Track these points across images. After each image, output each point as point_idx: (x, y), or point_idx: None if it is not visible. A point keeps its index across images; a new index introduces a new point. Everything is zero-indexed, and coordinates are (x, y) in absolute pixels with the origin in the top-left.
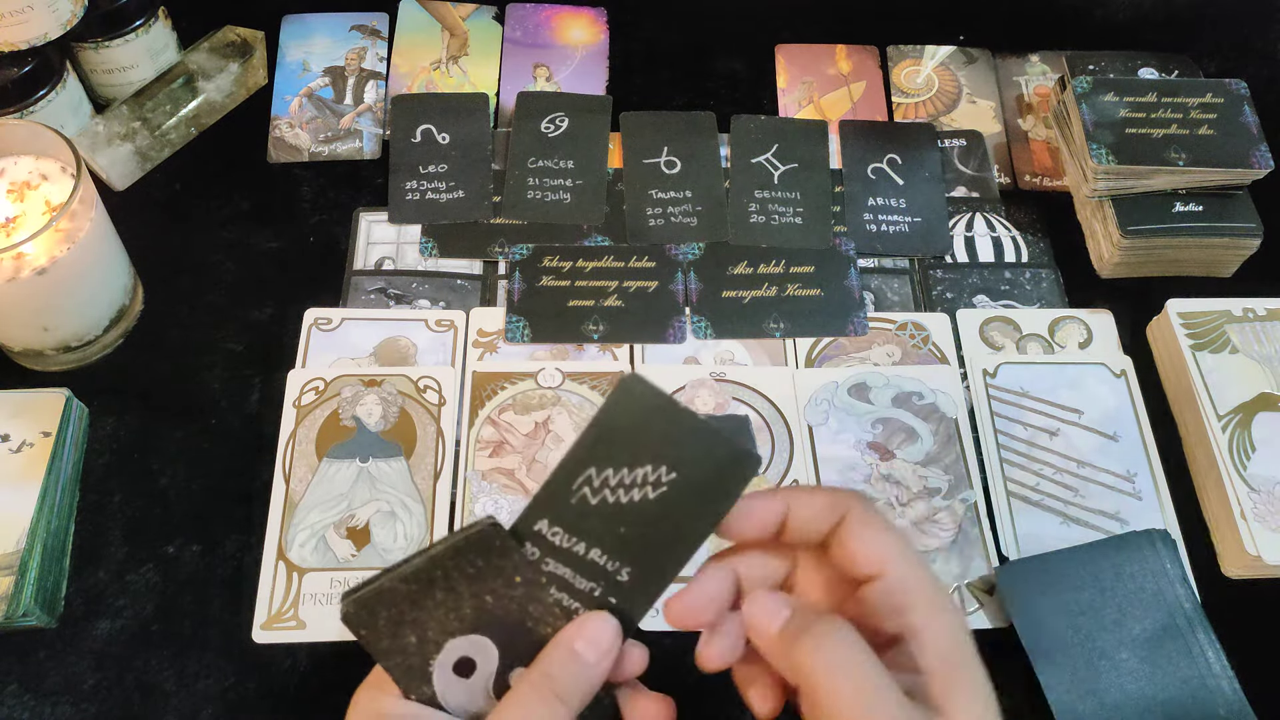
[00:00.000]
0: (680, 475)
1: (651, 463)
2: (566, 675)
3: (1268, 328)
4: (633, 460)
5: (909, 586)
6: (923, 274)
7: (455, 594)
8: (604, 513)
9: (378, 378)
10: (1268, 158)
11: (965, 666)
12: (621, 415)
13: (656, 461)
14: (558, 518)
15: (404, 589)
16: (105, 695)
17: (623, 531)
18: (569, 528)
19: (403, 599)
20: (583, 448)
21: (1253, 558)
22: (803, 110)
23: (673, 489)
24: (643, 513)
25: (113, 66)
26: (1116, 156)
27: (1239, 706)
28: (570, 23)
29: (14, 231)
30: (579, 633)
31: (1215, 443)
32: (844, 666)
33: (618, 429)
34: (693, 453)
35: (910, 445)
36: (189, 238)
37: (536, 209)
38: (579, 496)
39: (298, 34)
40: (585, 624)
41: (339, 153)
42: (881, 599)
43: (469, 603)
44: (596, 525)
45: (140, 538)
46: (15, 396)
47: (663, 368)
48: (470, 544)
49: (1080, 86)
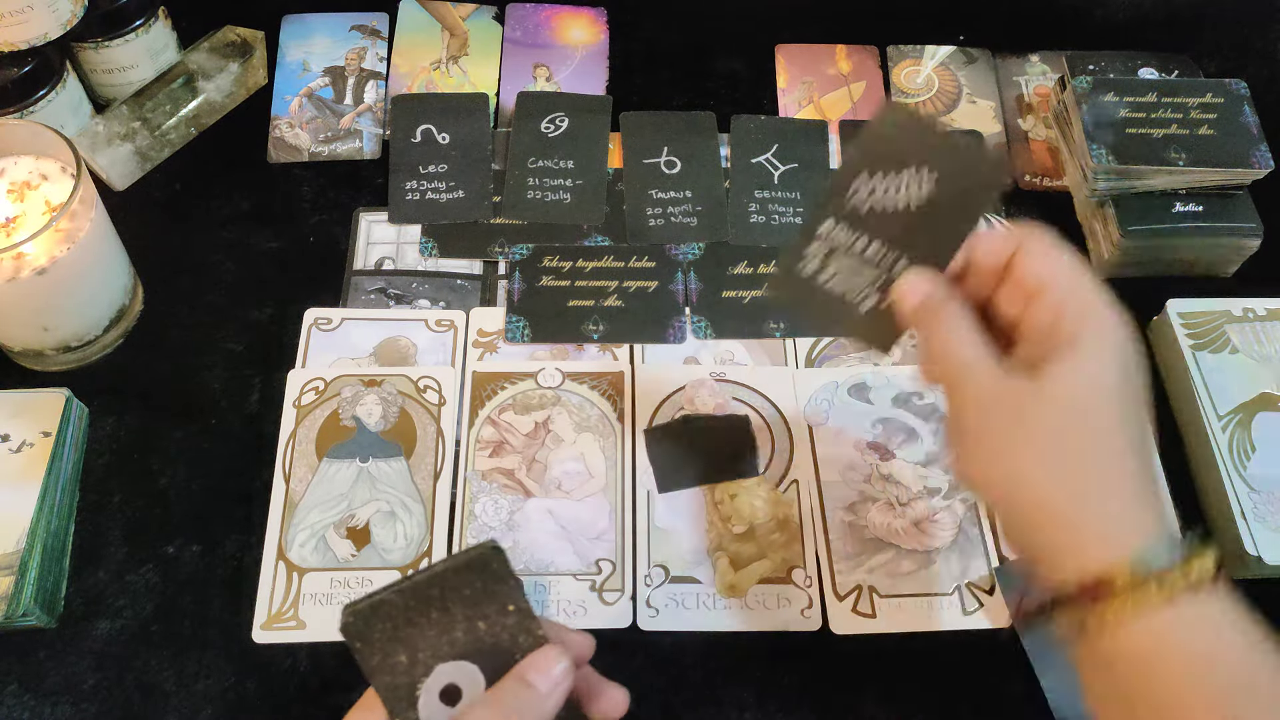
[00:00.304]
0: (942, 174)
1: (915, 165)
2: (520, 704)
3: (1268, 328)
4: (899, 165)
5: (1065, 298)
6: None
7: (450, 615)
8: (880, 211)
9: (378, 378)
10: (1268, 158)
11: (1089, 316)
12: (886, 128)
13: (919, 164)
14: (841, 217)
15: (401, 603)
16: (105, 695)
17: (898, 225)
18: (852, 224)
19: (399, 614)
20: (854, 159)
21: (1253, 558)
22: (803, 110)
23: (939, 187)
24: (915, 208)
25: (113, 66)
26: (1116, 156)
27: None
28: (570, 23)
29: (14, 231)
30: (532, 664)
31: (1215, 443)
32: (952, 330)
33: (883, 139)
34: (950, 155)
35: (910, 445)
36: (189, 238)
37: (536, 209)
38: (855, 199)
39: (298, 34)
40: (538, 657)
41: (339, 153)
42: (1040, 311)
43: (461, 626)
44: (874, 221)
45: (140, 538)
46: (15, 396)
47: (663, 368)
48: (470, 565)
49: (1080, 86)
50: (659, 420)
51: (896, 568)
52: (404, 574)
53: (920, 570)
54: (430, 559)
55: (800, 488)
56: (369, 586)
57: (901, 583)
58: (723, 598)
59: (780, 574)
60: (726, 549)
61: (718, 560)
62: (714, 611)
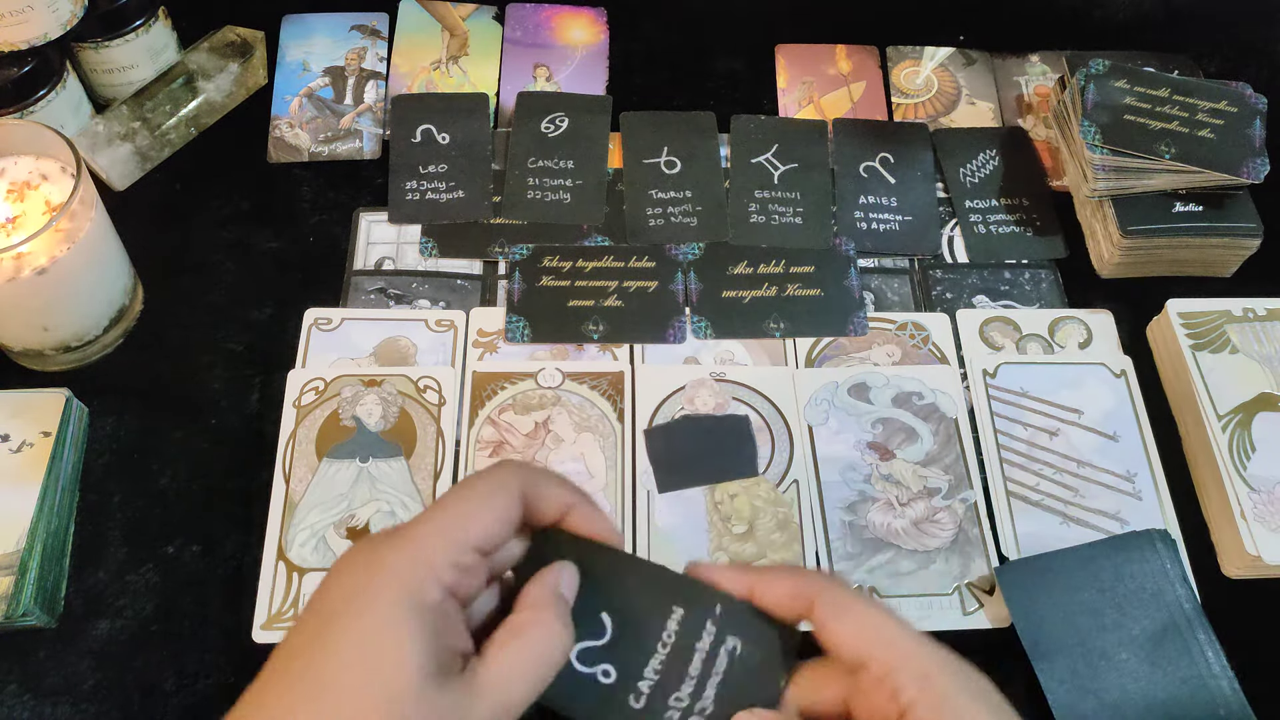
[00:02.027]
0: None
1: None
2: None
3: (1268, 328)
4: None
5: (894, 668)
6: (922, 274)
7: None
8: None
9: (378, 378)
10: (1261, 172)
11: (929, 678)
12: None
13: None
14: None
15: None
16: (105, 695)
17: None
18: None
19: None
20: None
21: (1253, 558)
22: (803, 110)
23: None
24: None
25: (113, 66)
26: (1104, 137)
27: (1239, 706)
28: (570, 23)
29: (14, 231)
30: (564, 567)
31: (1215, 443)
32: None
33: None
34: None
35: (910, 445)
36: (189, 238)
37: (536, 209)
38: None
39: (298, 34)
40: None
41: (339, 153)
42: (875, 690)
43: None
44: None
45: (140, 538)
46: (15, 396)
47: (663, 368)
48: None
49: (1095, 68)
50: (659, 420)
51: (896, 568)
52: None
53: (920, 570)
54: None
55: (800, 488)
56: None
57: (901, 583)
58: None
59: None
60: (726, 549)
61: (717, 560)
62: None
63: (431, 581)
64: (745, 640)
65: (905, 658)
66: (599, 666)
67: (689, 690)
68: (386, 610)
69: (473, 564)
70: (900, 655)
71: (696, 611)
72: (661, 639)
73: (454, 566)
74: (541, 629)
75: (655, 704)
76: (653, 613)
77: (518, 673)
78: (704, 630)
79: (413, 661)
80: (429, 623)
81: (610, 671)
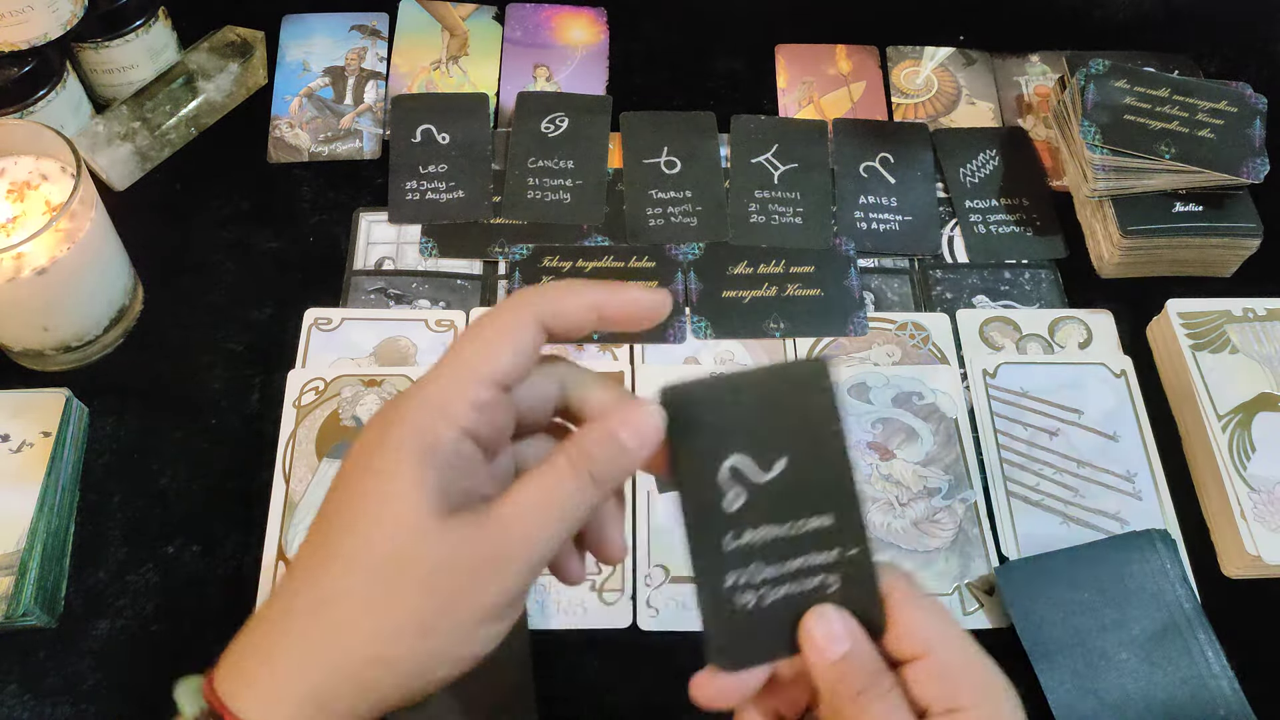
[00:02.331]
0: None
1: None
2: (605, 457)
3: (1268, 328)
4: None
5: (955, 671)
6: (922, 274)
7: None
8: (766, 494)
9: (378, 378)
10: (1261, 172)
11: (985, 693)
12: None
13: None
14: (730, 528)
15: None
16: (105, 695)
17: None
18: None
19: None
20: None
21: (1253, 558)
22: (803, 110)
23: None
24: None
25: (113, 66)
26: (1104, 137)
27: (1239, 706)
28: (570, 23)
29: (14, 231)
30: (624, 420)
31: (1215, 443)
32: None
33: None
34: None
35: (910, 445)
36: (189, 238)
37: (536, 209)
38: (729, 502)
39: (298, 34)
40: (630, 410)
41: (339, 153)
42: (927, 681)
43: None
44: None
45: (140, 538)
46: (15, 396)
47: (663, 368)
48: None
49: (1095, 68)
50: None
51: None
52: None
53: (920, 570)
54: None
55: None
56: None
57: None
58: None
59: None
60: None
61: None
62: None
63: (442, 423)
64: (845, 589)
65: (968, 664)
66: (735, 489)
67: (770, 576)
68: (393, 455)
69: (491, 399)
70: (964, 660)
71: (840, 535)
72: (796, 521)
73: (470, 405)
74: (554, 474)
75: (736, 560)
76: (812, 495)
77: (531, 513)
78: (829, 552)
79: (418, 500)
80: (438, 463)
81: (738, 501)
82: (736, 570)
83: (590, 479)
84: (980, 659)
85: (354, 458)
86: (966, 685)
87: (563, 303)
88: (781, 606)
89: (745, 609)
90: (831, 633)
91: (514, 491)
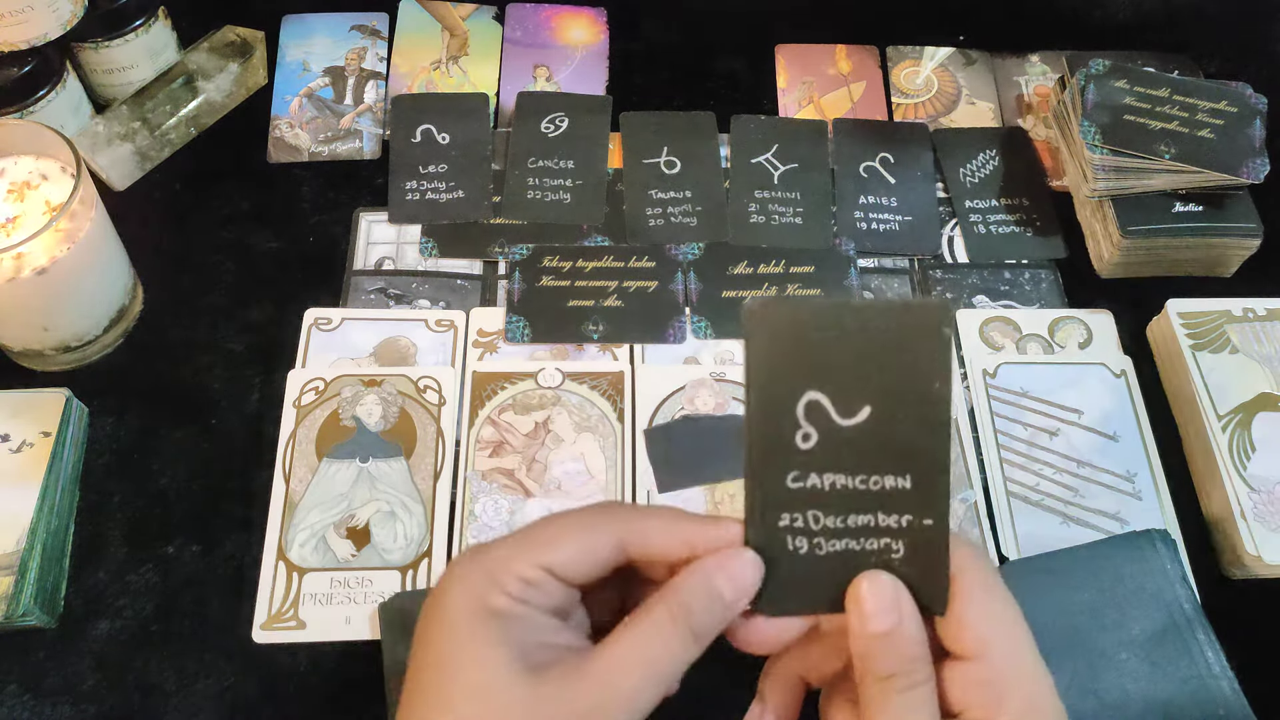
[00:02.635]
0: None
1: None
2: (703, 609)
3: (1268, 328)
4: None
5: (1004, 684)
6: (922, 274)
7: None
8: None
9: (378, 378)
10: (1261, 172)
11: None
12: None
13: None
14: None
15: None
16: (105, 695)
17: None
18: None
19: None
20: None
21: (1253, 558)
22: (803, 110)
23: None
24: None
25: (113, 66)
26: (1104, 137)
27: (1239, 706)
28: (570, 23)
29: (14, 231)
30: (720, 567)
31: (1215, 443)
32: None
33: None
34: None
35: None
36: (189, 238)
37: (536, 209)
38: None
39: (298, 34)
40: (729, 559)
41: (339, 153)
42: (971, 685)
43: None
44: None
45: (140, 538)
46: (15, 396)
47: (663, 368)
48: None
49: (1095, 68)
50: (659, 420)
51: None
52: (442, 550)
53: None
54: (430, 559)
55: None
56: (369, 587)
57: None
58: None
59: None
60: None
61: None
62: None
63: (494, 590)
64: (909, 560)
65: (1020, 679)
66: (810, 427)
67: (830, 526)
68: (464, 620)
69: (539, 579)
70: (1017, 674)
71: (916, 501)
72: (870, 476)
73: (518, 579)
74: (654, 629)
75: (797, 501)
76: (895, 452)
77: (631, 668)
78: (900, 516)
79: (501, 660)
80: (506, 624)
81: (810, 440)
82: (795, 512)
83: (690, 634)
84: (1036, 676)
85: (429, 620)
86: (1011, 703)
87: (649, 525)
88: (836, 561)
89: (797, 554)
90: (882, 603)
91: (611, 645)
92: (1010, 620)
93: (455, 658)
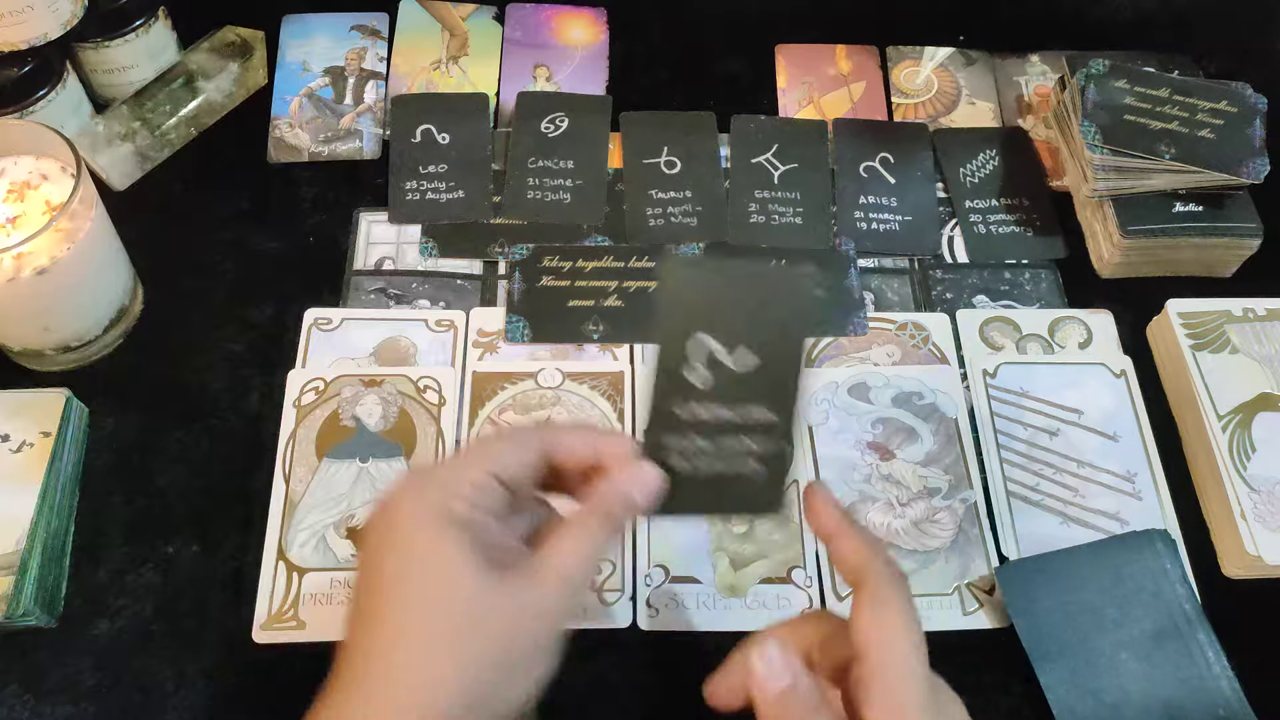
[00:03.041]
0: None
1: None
2: (623, 511)
3: (1268, 328)
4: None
5: (875, 676)
6: (922, 274)
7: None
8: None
9: (378, 378)
10: (1261, 172)
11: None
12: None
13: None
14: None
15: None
16: (105, 695)
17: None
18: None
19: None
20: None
21: (1253, 558)
22: (803, 110)
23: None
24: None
25: (113, 66)
26: (1105, 137)
27: (1239, 706)
28: (570, 23)
29: (14, 231)
30: (633, 480)
31: (1215, 443)
32: None
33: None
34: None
35: (910, 445)
36: (189, 238)
37: (536, 209)
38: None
39: (298, 34)
40: (638, 473)
41: (339, 153)
42: (856, 679)
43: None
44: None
45: (140, 538)
46: (15, 396)
47: None
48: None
49: (1095, 68)
50: None
51: None
52: None
53: (920, 570)
54: None
55: (800, 488)
56: None
57: None
58: (723, 598)
59: (780, 574)
60: (726, 549)
61: (718, 560)
62: (714, 611)
63: (452, 498)
64: (761, 476)
65: (889, 676)
66: (701, 365)
67: (705, 449)
68: (422, 530)
69: (488, 485)
70: (886, 672)
71: (772, 429)
72: (744, 408)
73: (471, 485)
74: (587, 528)
75: (681, 425)
76: (764, 389)
77: (574, 561)
78: (760, 438)
79: (465, 562)
80: (465, 529)
81: (700, 376)
82: (677, 434)
83: (615, 529)
84: (904, 674)
85: (377, 546)
86: (873, 694)
87: (565, 439)
88: (710, 477)
89: (677, 472)
90: (772, 669)
91: (557, 542)
92: (890, 626)
93: (422, 565)
